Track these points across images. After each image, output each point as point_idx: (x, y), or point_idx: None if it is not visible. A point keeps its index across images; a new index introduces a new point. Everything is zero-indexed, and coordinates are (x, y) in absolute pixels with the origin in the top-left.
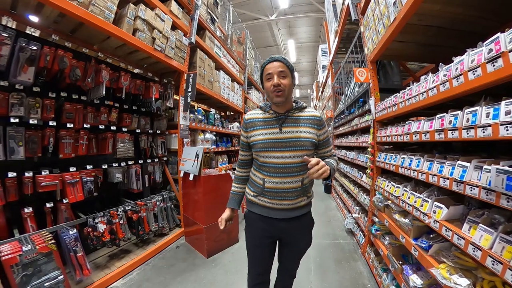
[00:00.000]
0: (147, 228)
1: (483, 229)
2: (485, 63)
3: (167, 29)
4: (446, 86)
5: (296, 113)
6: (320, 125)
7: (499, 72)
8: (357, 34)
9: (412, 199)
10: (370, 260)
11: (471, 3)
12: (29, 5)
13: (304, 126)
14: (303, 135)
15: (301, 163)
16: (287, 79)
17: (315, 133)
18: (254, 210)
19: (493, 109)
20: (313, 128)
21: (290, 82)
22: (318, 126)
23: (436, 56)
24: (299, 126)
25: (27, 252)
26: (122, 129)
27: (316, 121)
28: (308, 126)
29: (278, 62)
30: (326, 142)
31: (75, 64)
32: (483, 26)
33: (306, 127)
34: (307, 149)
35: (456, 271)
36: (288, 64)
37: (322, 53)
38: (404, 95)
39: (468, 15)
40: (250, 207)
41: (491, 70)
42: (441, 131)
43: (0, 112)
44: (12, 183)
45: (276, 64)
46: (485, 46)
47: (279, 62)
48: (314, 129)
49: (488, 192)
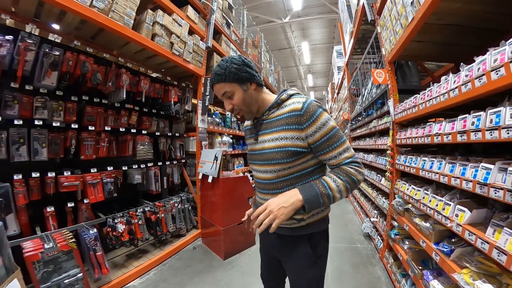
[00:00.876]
0: (165, 229)
1: (508, 233)
2: (509, 62)
3: (184, 34)
4: (468, 86)
5: (273, 112)
6: (302, 122)
7: None
8: (373, 35)
9: (433, 202)
10: (388, 265)
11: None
12: (52, 13)
13: (278, 131)
14: (274, 144)
15: (276, 178)
16: (235, 95)
17: (294, 136)
18: None
19: None
20: (290, 131)
21: (241, 93)
22: (298, 125)
23: (454, 55)
24: (272, 132)
25: (48, 249)
26: (142, 132)
27: (295, 118)
28: (282, 130)
29: (216, 84)
30: (322, 145)
31: (96, 69)
32: (503, 23)
33: (280, 131)
34: (282, 162)
35: (480, 276)
36: (227, 77)
37: (337, 54)
38: (424, 96)
39: (487, 12)
40: None
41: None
42: (463, 133)
43: (24, 115)
44: (35, 183)
45: (217, 88)
46: (508, 46)
47: (217, 84)
48: (292, 131)
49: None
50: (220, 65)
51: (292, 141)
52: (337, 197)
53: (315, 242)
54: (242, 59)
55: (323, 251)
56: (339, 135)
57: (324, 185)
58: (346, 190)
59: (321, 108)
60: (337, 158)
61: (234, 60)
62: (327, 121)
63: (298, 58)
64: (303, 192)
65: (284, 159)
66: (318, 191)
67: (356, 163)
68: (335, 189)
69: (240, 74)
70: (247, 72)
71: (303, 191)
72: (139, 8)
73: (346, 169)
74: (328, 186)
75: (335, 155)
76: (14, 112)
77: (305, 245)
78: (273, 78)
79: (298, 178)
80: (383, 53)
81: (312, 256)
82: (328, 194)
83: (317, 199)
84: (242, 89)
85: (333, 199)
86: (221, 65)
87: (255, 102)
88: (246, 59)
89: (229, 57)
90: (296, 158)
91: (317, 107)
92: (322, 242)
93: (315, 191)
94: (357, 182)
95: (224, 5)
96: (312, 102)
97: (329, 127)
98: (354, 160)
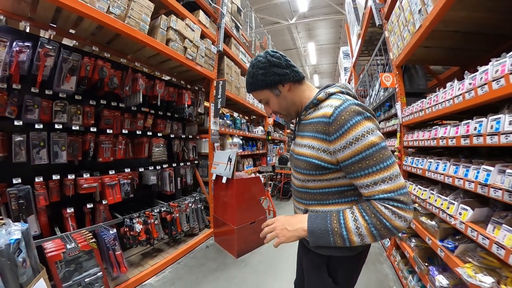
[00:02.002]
0: (179, 228)
1: (506, 229)
2: (509, 74)
3: (197, 38)
4: (471, 94)
5: (309, 113)
6: (330, 132)
7: None
8: (381, 39)
9: (438, 201)
10: (395, 263)
11: (497, 8)
12: (70, 19)
13: (307, 137)
14: (301, 150)
15: (301, 188)
16: (271, 100)
17: (320, 148)
18: None
19: None
20: (317, 140)
21: (275, 99)
22: (326, 135)
23: (461, 59)
24: (303, 137)
25: (70, 249)
26: (158, 134)
27: (323, 125)
28: (311, 137)
29: (250, 93)
30: (353, 167)
31: (113, 74)
32: (509, 28)
33: (309, 137)
34: (305, 173)
35: (481, 270)
36: (257, 85)
37: (343, 55)
38: (431, 101)
39: (494, 19)
40: None
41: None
42: (466, 137)
43: (44, 119)
44: (54, 184)
45: (253, 95)
46: (509, 58)
47: (250, 93)
48: (320, 140)
49: (511, 194)
50: (249, 72)
51: (318, 152)
52: (356, 240)
53: (335, 266)
54: (267, 58)
55: (346, 277)
56: (380, 157)
57: (340, 222)
58: (371, 236)
59: (359, 115)
60: (370, 189)
61: (259, 64)
62: (363, 134)
63: (304, 58)
64: (312, 222)
65: (307, 170)
66: (330, 227)
67: (396, 202)
68: (353, 231)
69: (268, 79)
70: (275, 74)
71: (312, 221)
72: (152, 13)
73: (378, 207)
74: (345, 225)
75: (367, 183)
76: (34, 116)
77: (322, 268)
78: None
79: (325, 196)
80: (391, 57)
81: (327, 283)
82: (341, 234)
83: (325, 235)
84: (274, 94)
85: (350, 242)
86: (249, 72)
87: (292, 104)
88: (273, 56)
89: (255, 59)
90: (321, 172)
91: (353, 115)
92: (345, 267)
93: (325, 226)
94: (393, 229)
95: (233, 9)
96: (349, 107)
97: (365, 144)
98: (395, 197)
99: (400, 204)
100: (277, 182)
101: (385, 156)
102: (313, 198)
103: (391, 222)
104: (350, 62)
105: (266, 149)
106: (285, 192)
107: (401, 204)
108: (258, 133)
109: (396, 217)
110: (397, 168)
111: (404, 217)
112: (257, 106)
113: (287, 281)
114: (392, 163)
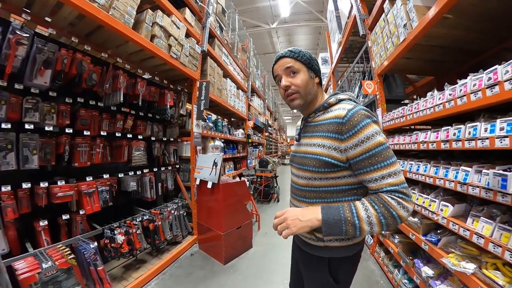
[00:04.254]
0: (162, 237)
1: (484, 221)
2: (485, 88)
3: (182, 36)
4: (451, 104)
5: (318, 116)
6: (343, 131)
7: (496, 96)
8: (363, 48)
9: (420, 200)
10: (380, 259)
11: (472, 27)
12: (48, 5)
13: (318, 137)
14: (310, 149)
15: (306, 186)
16: (299, 75)
17: (331, 146)
18: None
19: (490, 125)
20: (329, 139)
21: (306, 77)
22: (338, 134)
23: (436, 70)
24: (313, 137)
25: (46, 269)
26: (138, 137)
27: (336, 125)
28: (322, 136)
29: (284, 58)
30: (363, 163)
31: (93, 69)
32: (482, 44)
33: (320, 137)
34: (313, 170)
35: (463, 258)
36: (299, 56)
37: (322, 61)
38: (412, 108)
39: (469, 37)
40: None
41: (490, 94)
42: (446, 141)
43: (12, 117)
44: (24, 194)
45: (282, 62)
46: (485, 74)
47: (285, 57)
48: (331, 139)
49: (486, 191)
50: (293, 49)
51: (329, 150)
52: (365, 229)
53: (336, 267)
54: (311, 55)
55: (345, 277)
56: (387, 155)
57: (352, 211)
58: (379, 224)
59: (369, 118)
60: (378, 183)
61: (306, 52)
62: (373, 135)
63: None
64: (325, 212)
65: (316, 168)
66: (343, 216)
67: (401, 194)
68: (364, 220)
69: (312, 62)
70: (317, 65)
71: (325, 211)
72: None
73: (385, 198)
74: (357, 214)
75: (376, 177)
76: (1, 114)
77: (324, 269)
78: (259, 82)
79: (330, 194)
80: (373, 66)
81: (329, 282)
82: (353, 223)
83: (338, 225)
84: (309, 74)
85: (360, 231)
86: (294, 49)
87: (313, 93)
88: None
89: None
90: (329, 170)
91: (364, 117)
92: (344, 268)
93: (339, 216)
94: (398, 218)
95: (218, 9)
96: (360, 111)
97: (375, 143)
98: (400, 189)
99: (404, 196)
100: (258, 185)
101: (390, 154)
102: (318, 196)
103: (397, 212)
104: (328, 68)
105: (246, 152)
106: (266, 195)
107: (405, 196)
108: (238, 136)
109: (401, 207)
110: (399, 165)
111: (407, 208)
112: (237, 109)
113: (277, 283)
114: (395, 161)
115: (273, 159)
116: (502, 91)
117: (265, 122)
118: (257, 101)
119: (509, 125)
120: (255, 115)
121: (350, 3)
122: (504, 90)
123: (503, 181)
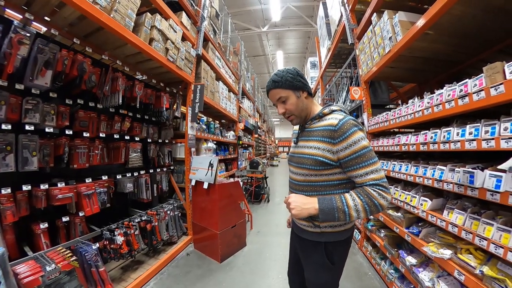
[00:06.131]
0: (159, 237)
1: (457, 212)
2: (457, 98)
3: (178, 40)
4: (429, 111)
5: (314, 123)
6: (335, 137)
7: (467, 105)
8: (351, 55)
9: (402, 196)
10: (367, 253)
11: (450, 42)
12: (49, 4)
13: (314, 140)
14: (307, 150)
15: (303, 182)
16: (288, 101)
17: (325, 148)
18: None
19: (461, 130)
20: (323, 142)
21: (295, 100)
22: (331, 139)
23: (418, 77)
24: (309, 140)
25: (50, 272)
26: (135, 139)
27: (329, 132)
28: (317, 140)
29: (272, 90)
30: (351, 162)
31: (92, 71)
32: (459, 56)
33: (315, 141)
34: (310, 168)
35: (442, 246)
36: (283, 84)
37: (310, 65)
38: (395, 114)
39: (447, 50)
40: None
41: (461, 103)
42: (424, 144)
43: (12, 118)
44: (23, 196)
45: (272, 93)
46: (458, 86)
47: (272, 90)
48: (325, 143)
49: (459, 186)
50: (277, 73)
51: (323, 152)
52: (353, 215)
53: (331, 250)
54: (296, 70)
55: (339, 259)
56: (370, 156)
57: (342, 201)
58: (364, 211)
59: (356, 127)
60: (363, 178)
61: (290, 71)
62: (359, 140)
63: (272, 65)
64: (321, 202)
65: (312, 166)
66: (335, 205)
67: (381, 187)
68: (352, 207)
69: (295, 82)
70: (300, 82)
71: (321, 202)
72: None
73: (369, 190)
74: (346, 203)
75: (361, 174)
76: (0, 114)
77: (320, 252)
78: (249, 85)
79: (323, 188)
80: (360, 73)
81: (326, 263)
82: (344, 210)
83: (332, 212)
84: (296, 95)
85: (349, 217)
86: (277, 74)
87: (306, 108)
88: (299, 70)
89: (285, 68)
90: (323, 168)
91: (352, 126)
92: (338, 250)
93: (332, 205)
94: (379, 206)
95: (212, 13)
96: (349, 121)
97: (360, 146)
98: (380, 183)
99: (384, 188)
100: (248, 186)
101: (373, 155)
102: (314, 189)
103: (378, 201)
104: (316, 72)
105: (237, 154)
106: (257, 196)
107: (384, 188)
108: (230, 138)
109: (381, 197)
110: (380, 164)
111: (386, 198)
112: (229, 111)
113: (273, 278)
114: (377, 160)
115: (263, 160)
116: (471, 101)
117: (255, 124)
118: (247, 103)
119: (476, 130)
120: (245, 117)
121: (340, 12)
122: (473, 101)
123: (471, 177)
